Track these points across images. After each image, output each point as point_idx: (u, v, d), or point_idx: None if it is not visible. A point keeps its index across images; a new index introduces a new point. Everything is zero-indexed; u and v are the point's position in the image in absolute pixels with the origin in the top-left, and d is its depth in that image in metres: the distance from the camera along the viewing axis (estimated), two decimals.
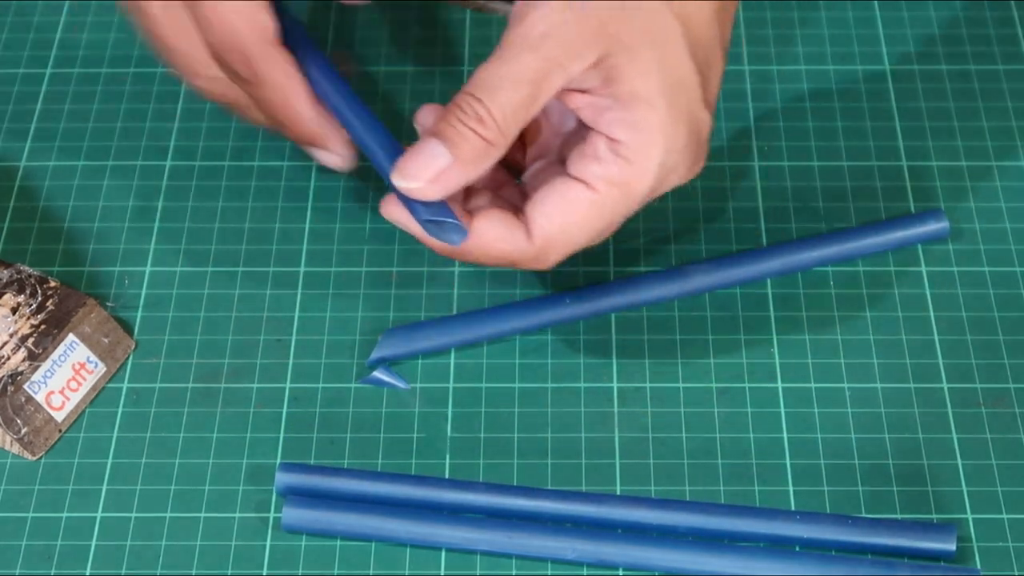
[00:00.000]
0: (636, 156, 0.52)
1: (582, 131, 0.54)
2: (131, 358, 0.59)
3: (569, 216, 0.53)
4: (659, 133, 0.51)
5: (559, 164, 0.55)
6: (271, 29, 0.54)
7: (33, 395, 0.56)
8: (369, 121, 0.55)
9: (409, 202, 0.53)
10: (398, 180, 0.52)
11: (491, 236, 0.53)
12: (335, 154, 0.57)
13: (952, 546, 0.52)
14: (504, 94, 0.51)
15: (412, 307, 0.61)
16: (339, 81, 0.56)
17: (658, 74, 0.51)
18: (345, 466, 0.56)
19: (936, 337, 0.59)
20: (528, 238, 0.53)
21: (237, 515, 0.54)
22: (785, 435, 0.56)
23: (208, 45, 0.55)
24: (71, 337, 0.57)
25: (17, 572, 0.53)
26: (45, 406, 0.56)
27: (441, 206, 0.52)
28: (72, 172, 0.65)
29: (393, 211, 0.54)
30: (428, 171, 0.51)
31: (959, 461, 0.55)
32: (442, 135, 0.51)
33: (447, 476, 0.55)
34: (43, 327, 0.57)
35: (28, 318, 0.57)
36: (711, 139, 0.54)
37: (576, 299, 0.59)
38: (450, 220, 0.52)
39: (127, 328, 0.59)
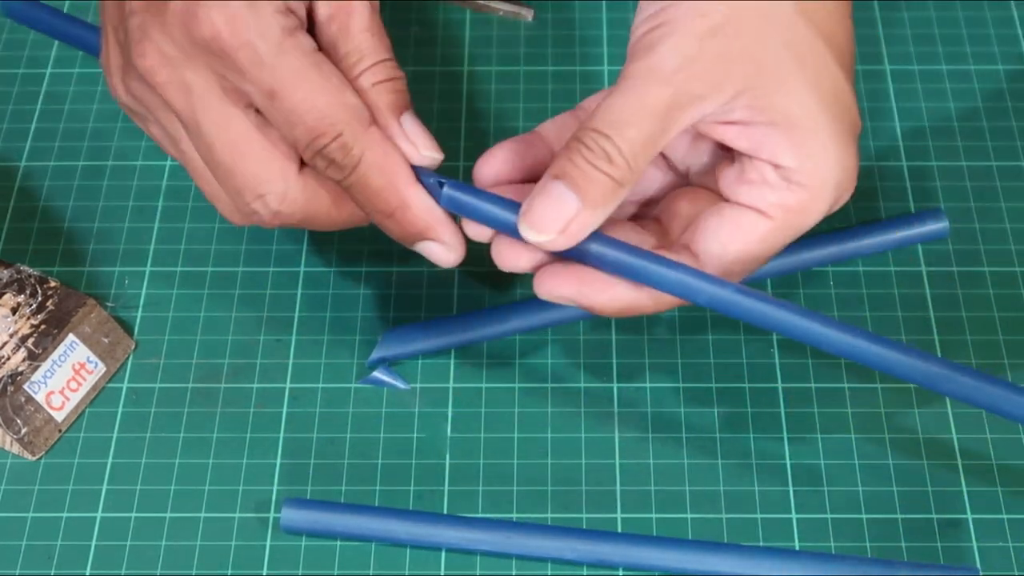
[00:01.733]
0: (811, 180, 0.49)
1: (724, 155, 0.52)
2: (131, 358, 0.59)
3: (746, 244, 0.50)
4: (831, 154, 0.49)
5: (689, 187, 0.53)
6: (363, 108, 0.50)
7: (33, 395, 0.56)
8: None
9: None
10: (526, 232, 0.48)
11: None
12: (446, 244, 0.52)
13: None
14: (633, 129, 0.48)
15: (412, 307, 0.61)
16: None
17: (813, 94, 0.49)
18: (345, 466, 0.56)
19: (936, 337, 0.59)
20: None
21: (237, 515, 0.54)
22: (785, 435, 0.56)
23: (293, 142, 0.50)
24: (71, 337, 0.57)
25: (17, 572, 0.53)
26: (45, 406, 0.56)
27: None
28: (72, 172, 0.65)
29: (556, 286, 0.50)
30: (558, 220, 0.48)
31: (959, 462, 0.55)
32: (567, 177, 0.48)
33: (447, 476, 0.55)
34: (43, 327, 0.57)
35: (28, 318, 0.57)
36: None
37: None
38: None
39: (127, 328, 0.59)
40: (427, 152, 0.52)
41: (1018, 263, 0.61)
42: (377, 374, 0.58)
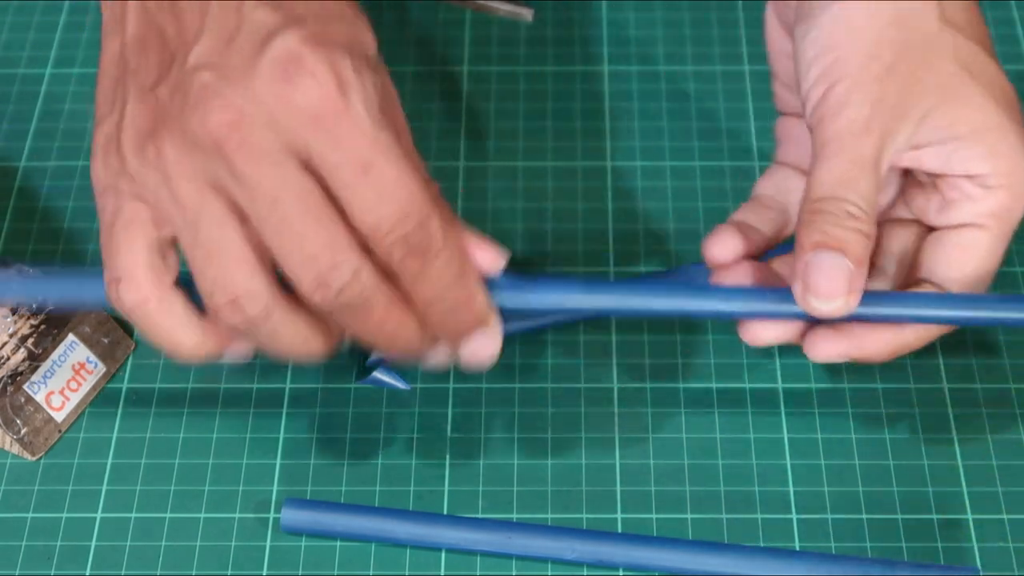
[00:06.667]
0: (1008, 180, 0.51)
1: (910, 187, 0.54)
2: (131, 358, 0.59)
3: (979, 260, 0.52)
4: (1018, 150, 0.51)
5: (883, 226, 0.54)
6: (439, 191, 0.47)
7: (33, 395, 0.56)
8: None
9: None
10: (820, 304, 0.49)
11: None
12: (493, 338, 0.49)
13: None
14: (861, 182, 0.50)
15: None
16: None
17: (987, 97, 0.51)
18: (345, 466, 0.56)
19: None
20: None
21: (237, 515, 0.54)
22: (785, 435, 0.56)
23: (375, 223, 0.45)
24: (71, 337, 0.57)
25: (17, 572, 0.53)
26: (45, 406, 0.56)
27: None
28: (72, 172, 0.65)
29: (828, 348, 0.52)
30: (842, 284, 0.49)
31: (959, 461, 0.55)
32: (829, 244, 0.49)
33: (447, 476, 0.55)
34: (43, 327, 0.57)
35: (28, 318, 0.57)
36: (711, 140, 0.54)
37: None
38: None
39: (127, 328, 0.59)
40: (501, 258, 0.49)
41: (1018, 263, 0.61)
42: (377, 374, 0.58)
